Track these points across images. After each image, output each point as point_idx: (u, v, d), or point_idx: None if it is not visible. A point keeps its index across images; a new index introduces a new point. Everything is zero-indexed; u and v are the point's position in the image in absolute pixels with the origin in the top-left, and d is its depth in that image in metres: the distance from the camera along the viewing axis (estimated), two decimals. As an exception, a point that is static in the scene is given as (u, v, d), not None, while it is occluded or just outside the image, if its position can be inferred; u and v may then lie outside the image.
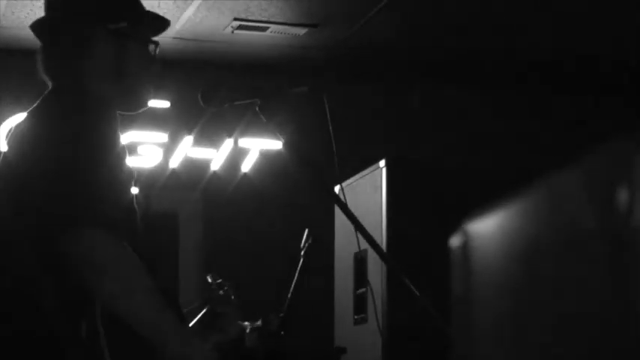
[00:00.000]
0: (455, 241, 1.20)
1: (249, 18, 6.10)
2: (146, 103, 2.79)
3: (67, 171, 2.43)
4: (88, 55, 2.66)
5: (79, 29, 2.67)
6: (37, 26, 2.74)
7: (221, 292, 3.04)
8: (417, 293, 2.97)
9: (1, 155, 2.63)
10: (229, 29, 6.26)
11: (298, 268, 4.49)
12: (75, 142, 2.47)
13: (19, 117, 2.70)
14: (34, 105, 2.64)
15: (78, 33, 2.67)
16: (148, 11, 2.82)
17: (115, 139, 2.55)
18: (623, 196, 0.88)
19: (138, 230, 2.62)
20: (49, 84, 2.70)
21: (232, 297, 3.05)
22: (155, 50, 2.79)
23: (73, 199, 2.40)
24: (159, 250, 6.47)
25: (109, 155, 2.50)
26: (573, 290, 0.95)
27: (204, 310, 2.95)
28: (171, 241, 6.80)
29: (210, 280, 3.09)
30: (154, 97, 2.86)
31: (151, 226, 7.42)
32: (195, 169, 6.74)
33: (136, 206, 2.62)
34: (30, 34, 2.77)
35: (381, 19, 6.14)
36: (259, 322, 4.56)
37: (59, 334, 2.47)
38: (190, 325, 2.90)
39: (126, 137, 6.58)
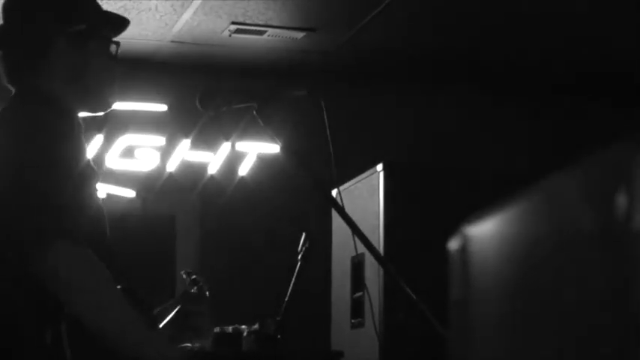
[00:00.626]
0: (453, 244, 1.20)
1: (247, 22, 6.11)
2: (110, 103, 2.77)
3: (29, 185, 2.42)
4: (47, 58, 2.66)
5: (37, 32, 2.67)
6: None
7: (194, 289, 2.99)
8: (414, 297, 2.97)
9: None
10: (227, 33, 6.26)
11: (295, 271, 4.48)
12: (37, 153, 2.46)
13: None
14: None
15: (36, 36, 2.67)
16: (107, 11, 2.81)
17: (77, 145, 2.53)
18: (622, 199, 0.87)
19: (107, 235, 2.57)
20: (12, 89, 2.70)
21: (207, 294, 2.98)
22: (116, 50, 2.77)
23: (38, 214, 2.39)
24: (156, 253, 6.46)
25: (72, 164, 2.48)
26: (572, 294, 0.94)
27: (176, 309, 2.90)
28: (169, 244, 6.79)
29: (184, 276, 3.05)
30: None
31: (148, 229, 7.41)
32: (192, 173, 6.74)
33: (103, 210, 2.58)
34: None
35: (378, 23, 6.15)
36: (256, 326, 4.56)
37: (23, 340, 2.47)
38: (162, 325, 2.86)
39: (123, 140, 6.58)
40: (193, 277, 3.03)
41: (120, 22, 2.80)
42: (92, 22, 2.72)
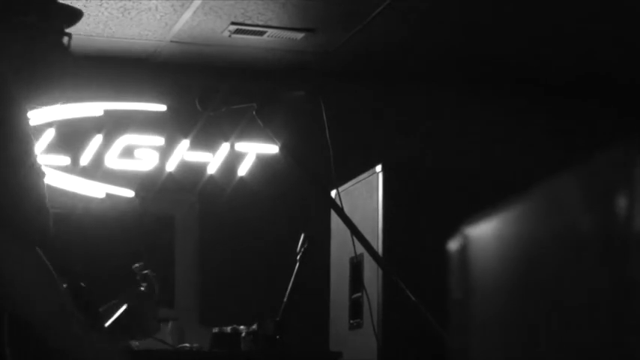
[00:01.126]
0: (452, 245, 1.20)
1: (247, 22, 6.11)
2: (63, 95, 2.73)
3: None
4: (8, 46, 2.61)
5: None
6: None
7: (142, 287, 2.91)
8: (413, 298, 2.97)
9: None
10: (226, 33, 6.26)
11: (294, 272, 4.49)
12: None
13: None
14: None
15: None
16: (60, 3, 2.75)
17: (22, 137, 2.45)
18: (622, 200, 0.87)
19: (51, 230, 2.46)
20: None
21: (155, 291, 2.90)
22: (69, 42, 2.72)
23: None
24: (155, 253, 6.46)
25: (15, 155, 2.41)
26: (572, 295, 0.94)
27: (122, 309, 2.84)
28: (168, 244, 6.79)
29: (136, 270, 2.94)
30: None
31: (147, 229, 7.41)
32: (191, 173, 6.74)
33: (48, 206, 2.51)
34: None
35: (377, 24, 6.15)
36: (255, 326, 4.56)
37: None
38: (107, 324, 2.82)
39: (122, 140, 6.58)
40: (145, 272, 2.95)
41: (72, 14, 2.74)
42: (41, 14, 2.67)
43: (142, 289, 2.89)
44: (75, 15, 2.75)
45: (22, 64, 2.64)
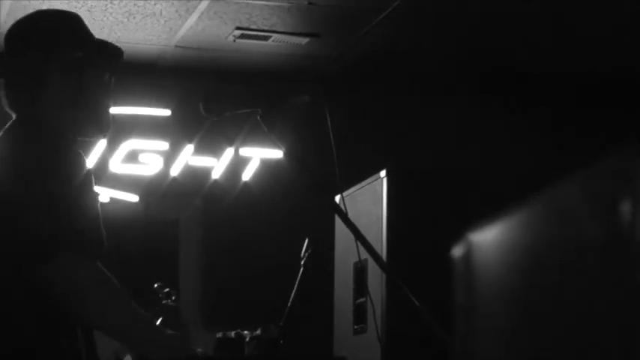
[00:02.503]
0: (456, 251, 1.20)
1: (251, 27, 6.11)
2: (107, 128, 2.91)
3: (36, 203, 2.57)
4: (45, 86, 2.77)
5: (36, 61, 2.77)
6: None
7: (169, 301, 3.08)
8: (417, 304, 2.96)
9: None
10: (231, 38, 6.26)
11: (298, 277, 4.49)
12: (40, 173, 2.60)
13: None
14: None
15: (35, 65, 2.77)
16: (103, 40, 2.92)
17: (77, 163, 2.65)
18: (625, 207, 0.87)
19: (105, 245, 2.68)
20: (13, 115, 2.82)
21: (179, 306, 3.13)
22: (111, 78, 2.88)
23: (45, 230, 2.53)
24: (159, 258, 6.46)
25: (73, 181, 2.61)
26: (575, 301, 0.94)
27: (159, 321, 3.00)
28: (172, 248, 6.79)
29: (158, 290, 3.13)
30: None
31: (151, 233, 7.41)
32: (195, 178, 6.74)
33: (102, 225, 2.67)
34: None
35: (382, 29, 6.15)
36: (258, 331, 4.56)
37: (36, 348, 2.58)
38: None
39: (126, 145, 6.58)
40: (166, 289, 3.14)
41: (115, 52, 2.89)
42: (88, 51, 2.82)
43: (171, 303, 3.03)
44: (117, 53, 2.89)
45: (71, 100, 2.79)
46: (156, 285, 3.15)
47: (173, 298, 3.13)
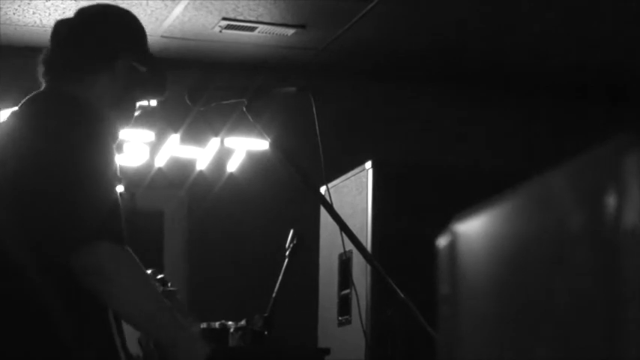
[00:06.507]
0: (441, 242, 1.20)
1: (238, 18, 6.10)
2: (129, 126, 2.96)
3: (68, 187, 2.55)
4: (98, 74, 2.79)
5: (105, 46, 2.83)
6: (60, 26, 2.87)
7: (166, 288, 3.09)
8: (402, 295, 2.97)
9: None
10: (217, 29, 6.26)
11: (283, 268, 4.48)
12: (76, 154, 2.59)
13: (3, 115, 2.78)
14: (22, 105, 2.69)
15: (102, 48, 2.82)
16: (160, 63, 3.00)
17: (113, 152, 2.69)
18: (611, 198, 0.88)
19: (124, 233, 2.71)
20: (43, 85, 2.79)
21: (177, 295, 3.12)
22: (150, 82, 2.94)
23: (78, 216, 2.52)
24: (144, 249, 6.45)
25: (110, 168, 2.65)
26: (561, 292, 0.94)
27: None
28: (157, 239, 6.79)
29: (151, 276, 3.13)
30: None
31: (136, 224, 7.41)
32: (181, 168, 6.73)
33: (121, 210, 2.70)
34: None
35: (368, 21, 6.15)
36: (243, 322, 4.56)
37: (68, 338, 2.57)
38: None
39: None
40: (160, 276, 3.17)
41: (164, 80, 2.97)
42: (152, 62, 2.91)
43: (166, 289, 3.05)
44: (164, 83, 2.98)
45: (118, 97, 2.83)
46: (149, 270, 3.15)
47: (169, 284, 3.13)
